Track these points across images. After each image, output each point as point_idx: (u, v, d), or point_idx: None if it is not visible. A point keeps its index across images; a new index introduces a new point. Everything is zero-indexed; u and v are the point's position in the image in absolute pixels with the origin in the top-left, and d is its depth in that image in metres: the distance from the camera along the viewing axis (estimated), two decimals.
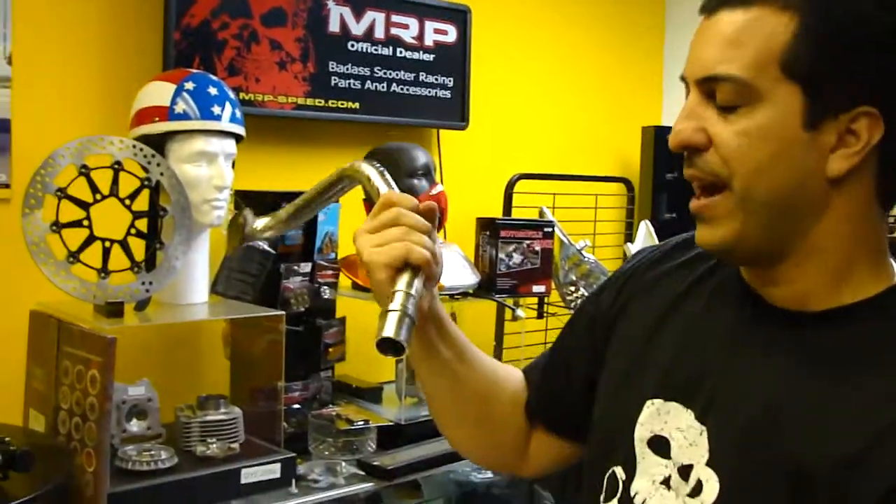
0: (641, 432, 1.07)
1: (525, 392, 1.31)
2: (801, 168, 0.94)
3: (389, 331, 0.98)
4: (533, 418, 1.31)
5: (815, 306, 0.98)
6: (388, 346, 0.99)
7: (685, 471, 1.01)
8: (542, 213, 3.07)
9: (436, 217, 1.10)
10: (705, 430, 1.00)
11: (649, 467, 1.05)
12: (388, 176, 1.17)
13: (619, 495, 1.08)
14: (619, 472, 1.09)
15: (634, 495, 1.06)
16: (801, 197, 0.95)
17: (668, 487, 1.02)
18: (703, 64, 0.96)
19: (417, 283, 1.05)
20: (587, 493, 1.16)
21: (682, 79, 1.00)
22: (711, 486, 0.96)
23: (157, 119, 2.07)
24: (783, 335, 0.99)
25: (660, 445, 1.05)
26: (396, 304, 1.01)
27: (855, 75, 0.92)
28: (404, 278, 1.04)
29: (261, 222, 1.40)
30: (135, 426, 2.08)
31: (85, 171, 1.92)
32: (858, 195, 0.96)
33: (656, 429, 1.06)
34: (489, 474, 2.77)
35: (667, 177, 3.49)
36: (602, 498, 1.11)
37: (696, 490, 0.98)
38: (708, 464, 0.98)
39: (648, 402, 1.08)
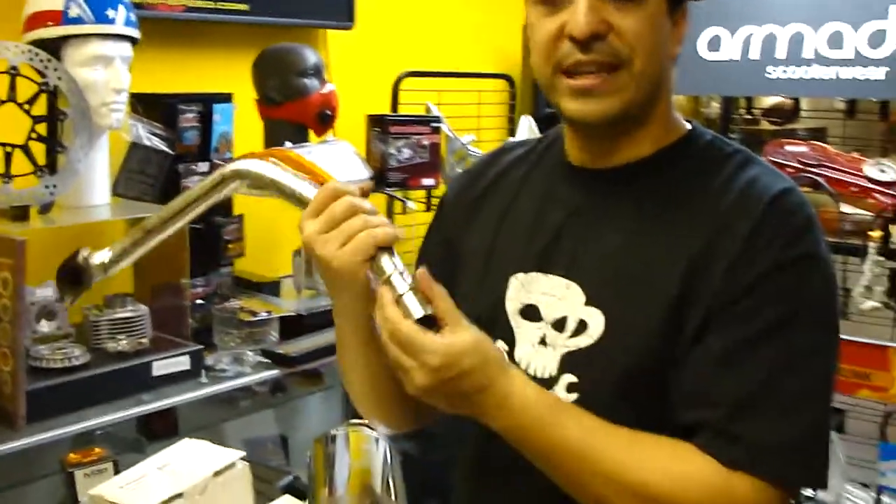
0: (512, 306, 1.23)
1: None
2: (667, 50, 1.15)
3: (419, 311, 1.04)
4: None
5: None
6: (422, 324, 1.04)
7: (559, 324, 1.17)
8: (428, 109, 3.17)
9: (370, 193, 1.16)
10: (573, 283, 1.17)
11: (525, 334, 1.21)
12: (290, 170, 1.16)
13: None
14: (502, 344, 1.22)
15: (519, 361, 1.20)
16: (665, 73, 1.17)
17: (545, 344, 1.18)
18: None
19: (396, 259, 1.10)
20: None
21: None
22: (596, 320, 1.14)
23: (50, 23, 2.09)
24: (613, 190, 1.20)
25: (530, 313, 1.20)
26: (404, 286, 1.06)
27: None
28: (385, 260, 1.09)
29: (103, 255, 1.28)
30: (45, 326, 2.13)
31: None
32: (672, 70, 1.19)
33: (524, 299, 1.21)
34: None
35: None
36: None
37: (580, 329, 1.15)
38: (587, 304, 1.15)
39: (512, 279, 1.23)
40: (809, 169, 2.68)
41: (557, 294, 1.19)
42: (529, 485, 1.16)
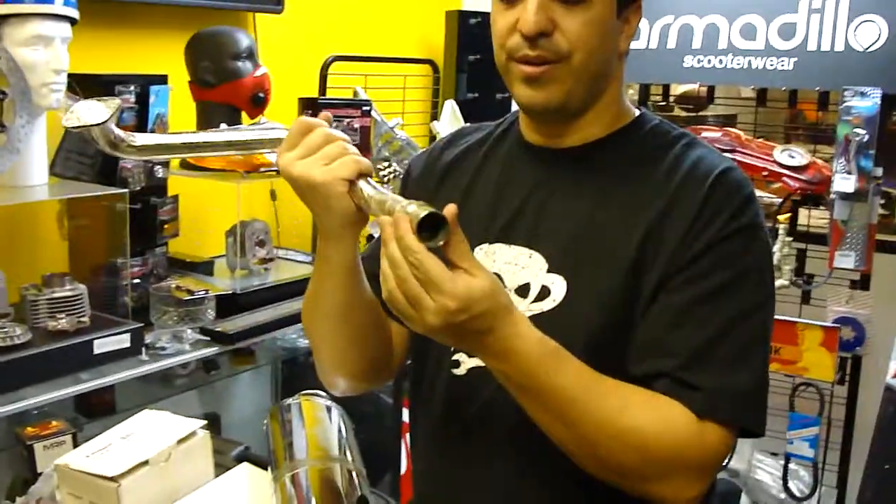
0: None
1: None
2: (613, 47, 1.26)
3: (424, 209, 1.04)
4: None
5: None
6: (429, 225, 1.04)
7: (522, 290, 1.26)
8: (356, 94, 3.22)
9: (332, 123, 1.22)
10: (535, 252, 1.27)
11: None
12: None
13: None
14: None
15: None
16: (608, 67, 1.27)
17: None
18: None
19: (376, 184, 1.16)
20: (429, 350, 1.35)
21: None
22: (558, 285, 1.24)
23: None
24: (572, 167, 1.30)
25: None
26: (400, 198, 1.09)
27: None
28: (366, 184, 1.14)
29: (146, 138, 1.23)
30: None
31: None
32: (622, 62, 1.30)
33: (488, 267, 1.25)
34: None
35: (469, 59, 3.69)
36: None
37: (543, 295, 1.24)
38: (549, 271, 1.25)
39: (477, 249, 1.31)
40: (724, 154, 2.81)
41: (520, 263, 1.28)
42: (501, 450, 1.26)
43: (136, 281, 2.46)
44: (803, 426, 2.78)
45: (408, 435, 2.93)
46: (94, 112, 1.15)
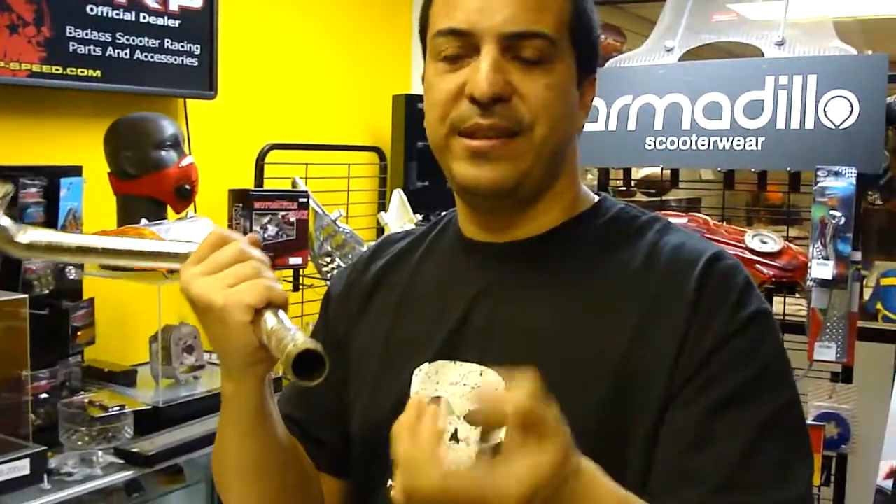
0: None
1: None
2: (574, 120, 1.09)
3: (308, 342, 0.86)
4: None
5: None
6: (305, 365, 0.87)
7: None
8: (294, 184, 3.03)
9: (261, 247, 1.02)
10: (487, 370, 1.05)
11: None
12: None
13: None
14: None
15: None
16: (569, 144, 1.10)
17: (457, 440, 1.04)
18: (508, 20, 1.02)
19: (286, 318, 0.95)
20: (368, 482, 1.14)
21: (457, 32, 1.04)
22: None
23: None
24: (525, 265, 1.10)
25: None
26: (298, 334, 0.89)
27: (594, 47, 1.11)
28: (270, 316, 0.94)
29: (38, 235, 1.04)
30: None
31: None
32: (577, 142, 1.14)
33: (430, 391, 1.08)
34: None
35: (418, 145, 3.50)
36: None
37: None
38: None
39: (416, 371, 1.10)
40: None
41: (470, 382, 1.06)
42: None
43: (45, 396, 2.20)
44: None
45: None
46: None
